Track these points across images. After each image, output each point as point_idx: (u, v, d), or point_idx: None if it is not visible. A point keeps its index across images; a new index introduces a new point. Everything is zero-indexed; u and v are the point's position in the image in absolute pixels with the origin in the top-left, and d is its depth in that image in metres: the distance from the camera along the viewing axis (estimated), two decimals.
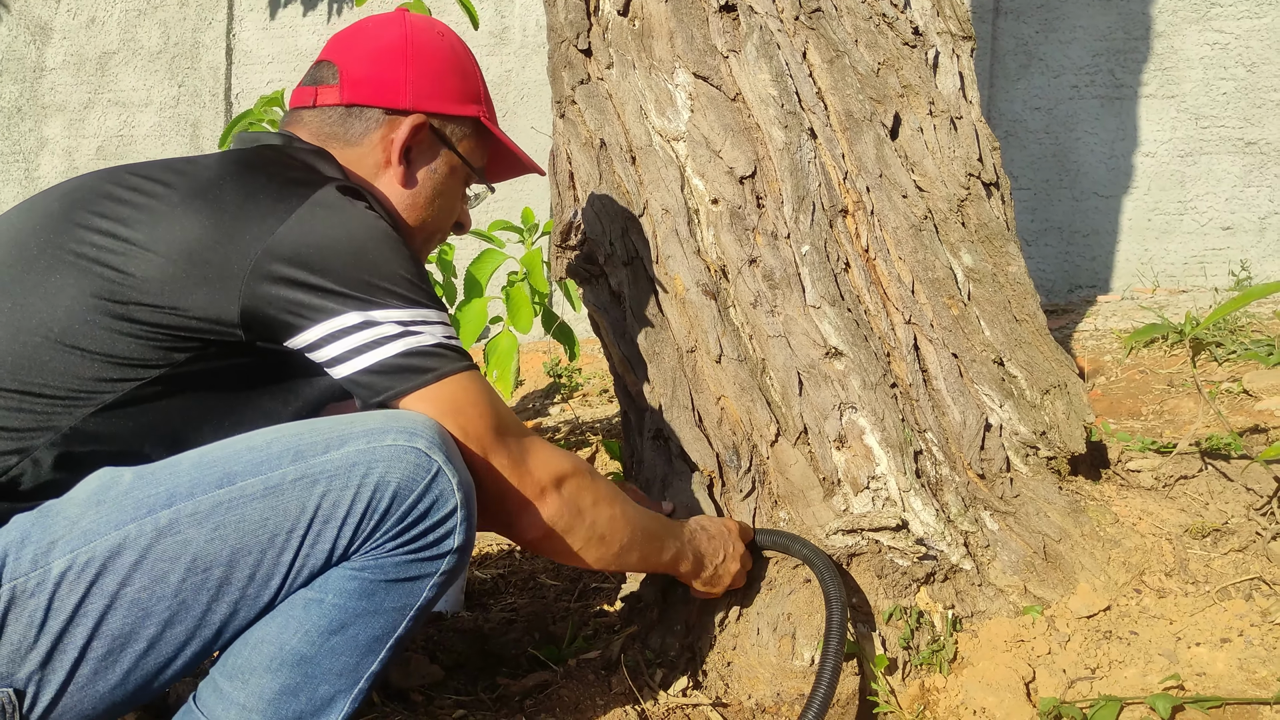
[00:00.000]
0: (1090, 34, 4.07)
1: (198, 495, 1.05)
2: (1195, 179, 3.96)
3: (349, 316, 1.13)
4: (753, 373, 1.63)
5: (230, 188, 1.16)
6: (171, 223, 1.12)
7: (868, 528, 1.54)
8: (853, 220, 1.68)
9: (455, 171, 1.40)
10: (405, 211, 1.37)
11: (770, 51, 1.68)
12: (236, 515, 1.05)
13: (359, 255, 1.14)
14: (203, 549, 1.04)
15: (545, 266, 2.59)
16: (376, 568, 1.10)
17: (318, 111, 1.34)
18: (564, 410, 3.50)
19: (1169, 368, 2.74)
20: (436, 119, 1.36)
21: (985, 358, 1.64)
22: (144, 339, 1.11)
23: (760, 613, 1.55)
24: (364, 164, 1.34)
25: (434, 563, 1.12)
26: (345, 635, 1.10)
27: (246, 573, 1.06)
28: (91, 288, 1.10)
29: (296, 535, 1.07)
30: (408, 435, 1.10)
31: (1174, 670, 1.40)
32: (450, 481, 1.11)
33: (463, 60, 1.41)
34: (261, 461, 1.08)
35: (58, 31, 5.57)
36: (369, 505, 1.08)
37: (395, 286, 1.15)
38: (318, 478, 1.07)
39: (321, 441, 1.09)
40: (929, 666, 1.49)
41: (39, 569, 1.01)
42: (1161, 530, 1.63)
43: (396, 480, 1.08)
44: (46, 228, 1.15)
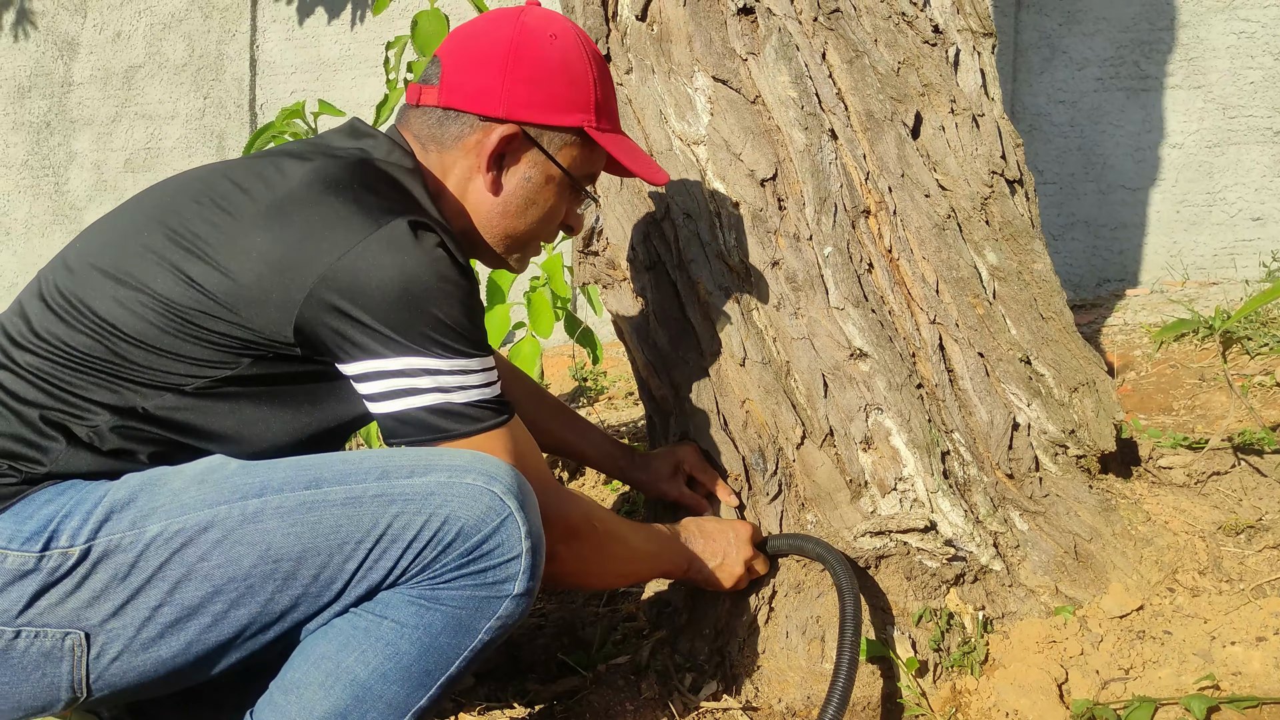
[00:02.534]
0: (1114, 25, 4.03)
1: (286, 491, 1.13)
2: (1224, 170, 3.92)
3: (389, 361, 1.16)
4: (777, 375, 1.63)
5: (305, 207, 1.18)
6: (244, 241, 1.16)
7: (896, 529, 1.53)
8: (875, 221, 1.67)
9: (552, 180, 1.36)
10: (495, 219, 1.36)
11: (789, 53, 1.68)
12: (315, 516, 1.12)
13: (409, 299, 1.15)
14: (278, 541, 1.11)
15: (567, 272, 2.59)
16: (434, 599, 1.14)
17: (420, 111, 1.35)
18: (590, 413, 3.50)
19: (1200, 362, 2.71)
20: (532, 128, 1.33)
21: (1012, 356, 1.63)
22: (212, 345, 1.17)
23: (789, 616, 1.55)
24: (457, 168, 1.34)
25: (493, 604, 1.15)
26: (399, 664, 1.14)
27: (312, 571, 1.12)
28: (165, 293, 1.16)
29: (364, 547, 1.12)
30: (487, 478, 1.14)
31: (1209, 670, 1.38)
32: (519, 529, 1.14)
33: (573, 66, 1.34)
34: (350, 473, 1.15)
35: (84, 47, 5.63)
36: (436, 534, 1.12)
37: (440, 335, 1.16)
38: (395, 498, 1.13)
39: (408, 466, 1.15)
40: (960, 668, 1.48)
41: (135, 529, 1.11)
42: (1194, 528, 1.61)
43: (466, 517, 1.13)
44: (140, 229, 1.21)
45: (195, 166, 1.30)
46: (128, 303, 1.16)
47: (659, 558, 1.48)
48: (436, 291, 1.16)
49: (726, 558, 1.52)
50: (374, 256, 1.14)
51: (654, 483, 1.68)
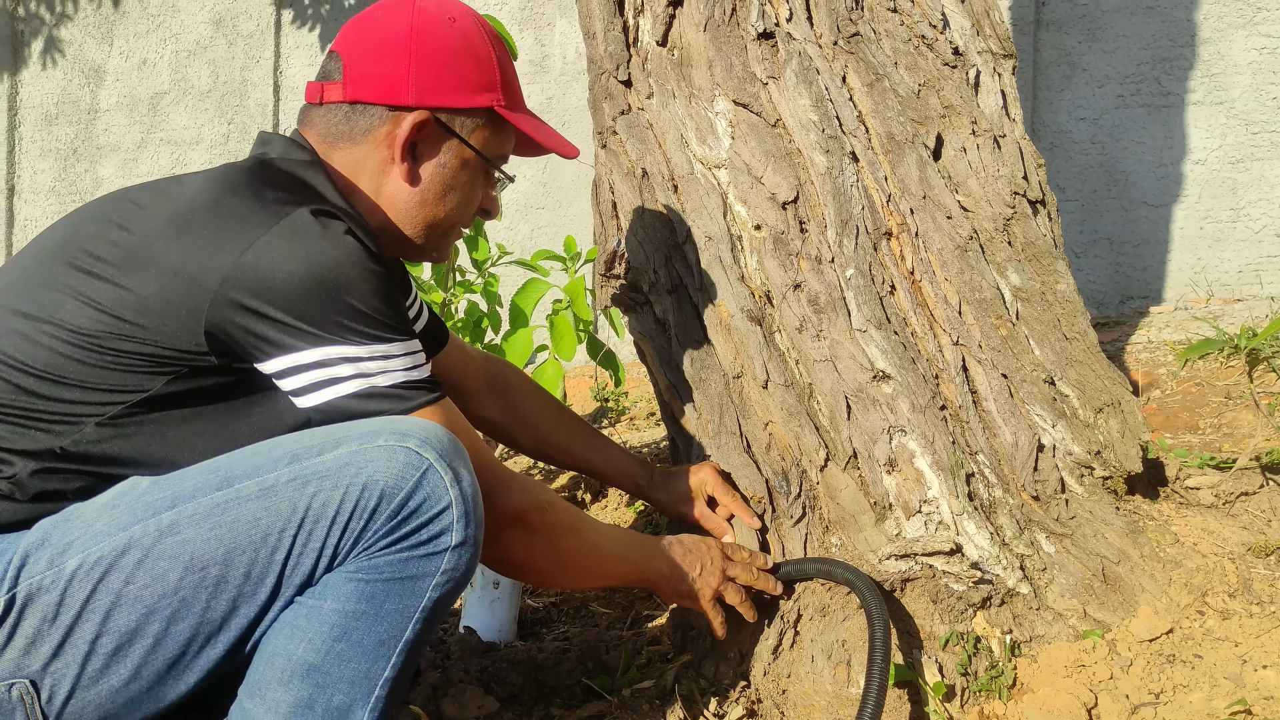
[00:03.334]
0: (1134, 42, 4.02)
1: (198, 497, 1.10)
2: (1247, 185, 3.89)
3: (305, 353, 1.14)
4: (800, 398, 1.63)
5: (204, 213, 1.16)
6: (144, 255, 1.14)
7: (921, 552, 1.53)
8: (897, 243, 1.67)
9: (468, 164, 1.35)
10: (414, 209, 1.34)
11: (810, 77, 1.69)
12: (232, 515, 1.09)
13: (318, 288, 1.12)
14: (199, 548, 1.08)
15: (589, 295, 2.60)
16: (371, 568, 1.10)
17: (324, 109, 1.32)
18: (612, 434, 3.50)
19: (1225, 380, 2.69)
20: (443, 113, 1.31)
21: (1036, 377, 1.62)
22: (125, 368, 1.14)
23: (814, 640, 1.54)
24: (370, 161, 1.31)
25: (431, 560, 1.12)
26: (349, 641, 1.11)
27: (242, 571, 1.09)
28: (71, 321, 1.14)
29: (288, 534, 1.09)
30: (399, 435, 1.11)
31: (1240, 694, 1.37)
32: (443, 479, 1.11)
33: (475, 47, 1.33)
34: (260, 465, 1.11)
35: (111, 74, 5.71)
36: (358, 504, 1.09)
37: (354, 321, 1.14)
38: (309, 479, 1.10)
39: (318, 444, 1.12)
40: (988, 693, 1.47)
41: (54, 568, 1.07)
42: (1223, 549, 1.60)
43: (384, 479, 1.09)
44: (42, 263, 1.19)
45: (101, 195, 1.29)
46: (34, 336, 1.14)
47: (625, 560, 1.45)
48: (346, 277, 1.14)
49: (705, 571, 1.49)
50: (278, 249, 1.12)
51: (674, 503, 1.68)
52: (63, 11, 5.81)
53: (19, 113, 5.88)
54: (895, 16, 1.73)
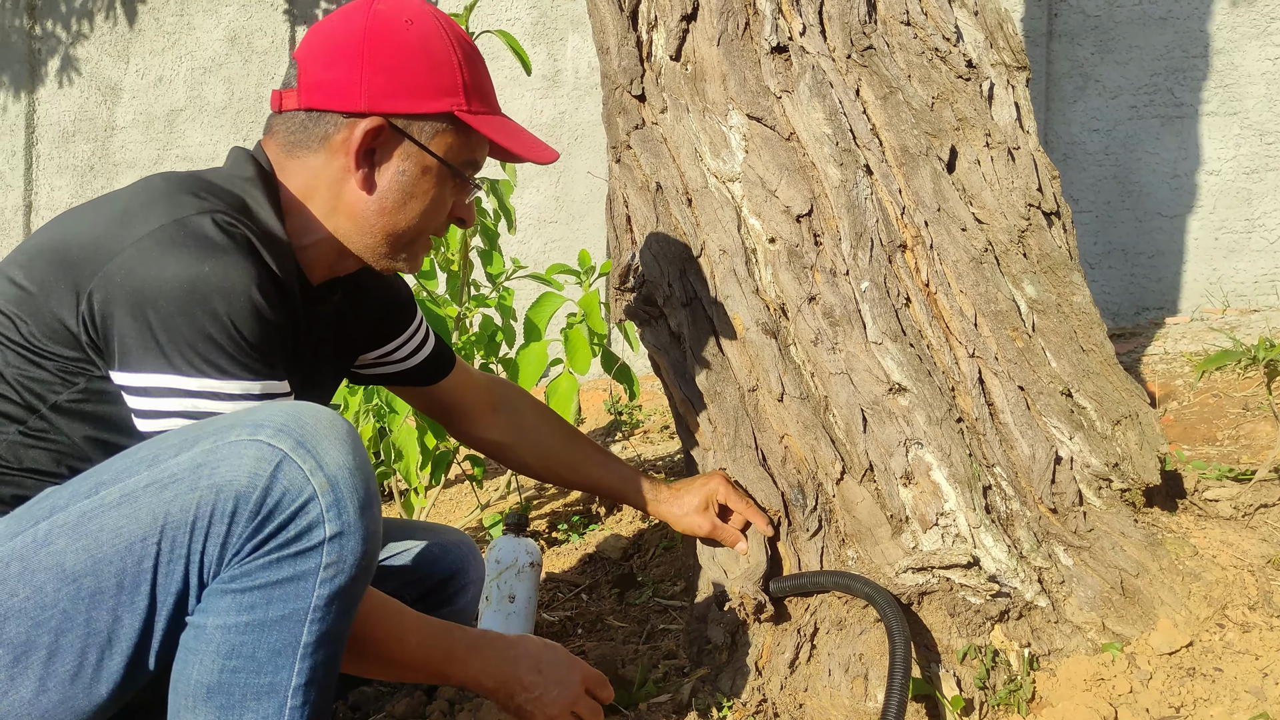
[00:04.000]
0: (1147, 54, 4.02)
1: (70, 506, 1.06)
2: (1262, 196, 3.88)
3: (140, 376, 1.10)
4: (816, 410, 1.63)
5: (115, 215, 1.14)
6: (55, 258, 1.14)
7: (938, 565, 1.52)
8: (912, 255, 1.67)
9: (429, 171, 1.29)
10: (372, 218, 1.29)
11: (823, 90, 1.69)
12: (96, 524, 1.05)
13: (175, 303, 1.08)
14: (69, 559, 1.04)
15: (603, 308, 2.61)
16: (244, 576, 1.04)
17: (284, 117, 1.29)
18: (626, 448, 3.50)
19: (1243, 391, 2.68)
20: (398, 119, 1.26)
21: (1052, 389, 1.62)
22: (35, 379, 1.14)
23: (831, 653, 1.54)
24: (328, 171, 1.27)
25: (306, 558, 1.04)
26: (240, 656, 1.05)
27: (113, 582, 1.04)
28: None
29: (151, 543, 1.04)
30: (252, 428, 1.05)
31: (1262, 708, 1.36)
32: (300, 468, 1.03)
33: (434, 50, 1.27)
34: (124, 469, 1.07)
35: (127, 91, 5.76)
36: (215, 509, 1.03)
37: (202, 348, 1.10)
38: (166, 483, 1.04)
39: (176, 444, 1.06)
40: (1006, 707, 1.46)
41: None
42: (1243, 561, 1.59)
43: (236, 478, 1.03)
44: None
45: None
46: None
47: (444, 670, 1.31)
48: (215, 296, 1.09)
49: (546, 694, 1.34)
50: (160, 251, 1.08)
51: (685, 517, 1.67)
52: (79, 30, 5.86)
53: (36, 130, 5.94)
54: (909, 30, 1.73)
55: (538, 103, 4.95)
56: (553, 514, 2.77)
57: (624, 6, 1.83)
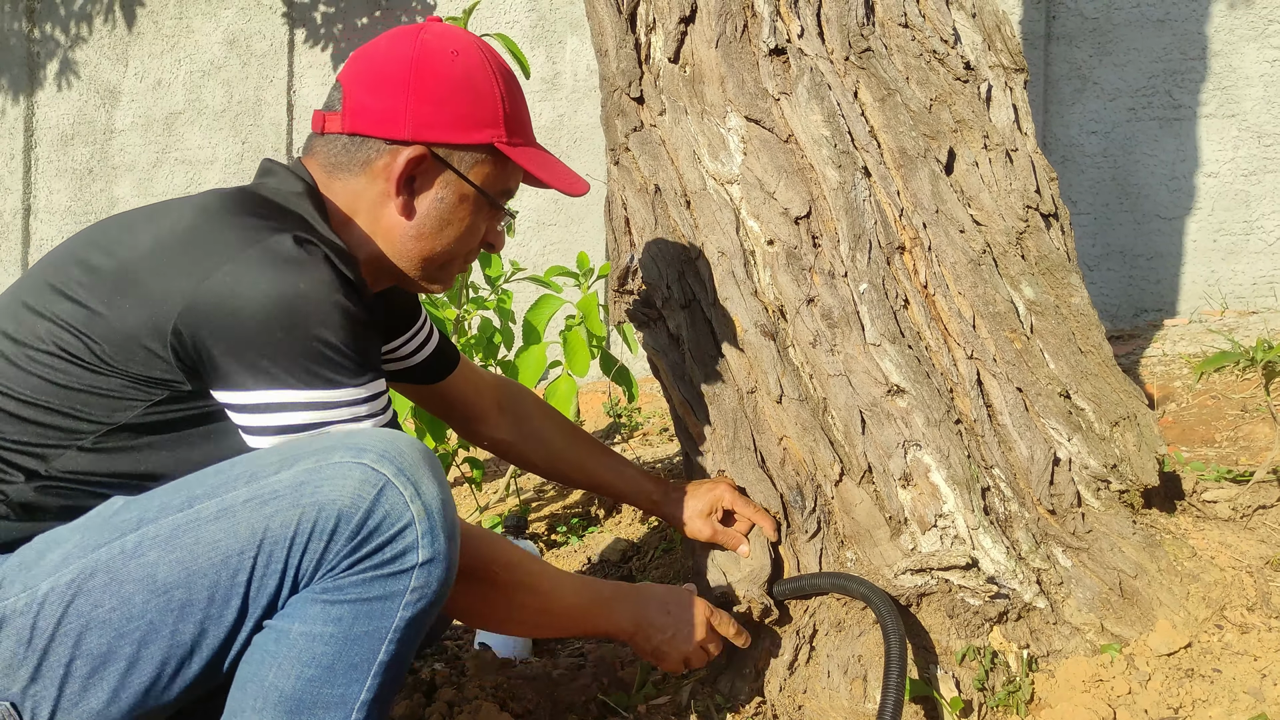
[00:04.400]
0: (1145, 56, 4.02)
1: (162, 519, 1.08)
2: (1260, 198, 3.88)
3: (252, 394, 1.12)
4: (814, 412, 1.63)
5: (180, 239, 1.16)
6: (124, 282, 1.14)
7: (937, 567, 1.52)
8: (910, 257, 1.67)
9: (466, 199, 1.32)
10: (410, 242, 1.32)
11: (821, 92, 1.69)
12: (191, 538, 1.07)
13: (280, 321, 1.10)
14: (162, 571, 1.06)
15: (602, 310, 2.61)
16: (336, 590, 1.08)
17: (326, 139, 1.31)
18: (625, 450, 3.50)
19: (1241, 392, 2.68)
20: (440, 148, 1.29)
21: (1051, 391, 1.62)
22: (102, 395, 1.14)
23: (830, 655, 1.54)
24: (368, 193, 1.30)
25: (399, 579, 1.09)
26: (320, 666, 1.08)
27: (205, 594, 1.07)
28: (52, 346, 1.14)
29: (248, 557, 1.07)
30: (355, 451, 1.08)
31: (1260, 709, 1.36)
32: (402, 494, 1.08)
33: (478, 82, 1.30)
34: (220, 484, 1.09)
35: (126, 94, 5.76)
36: (315, 526, 1.06)
37: (311, 361, 1.12)
38: (267, 499, 1.07)
39: (276, 462, 1.09)
40: (1005, 708, 1.46)
41: (28, 590, 1.07)
42: (1242, 563, 1.59)
43: (341, 498, 1.06)
44: (28, 289, 1.20)
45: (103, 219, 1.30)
46: (20, 361, 1.15)
47: (593, 616, 1.42)
48: (312, 310, 1.11)
49: (679, 634, 1.46)
50: (246, 275, 1.10)
51: (688, 519, 1.67)
52: (78, 33, 5.86)
53: (35, 133, 5.93)
54: (906, 32, 1.74)
55: (537, 105, 4.96)
56: (552, 516, 2.77)
57: (622, 9, 1.83)
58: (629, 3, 1.82)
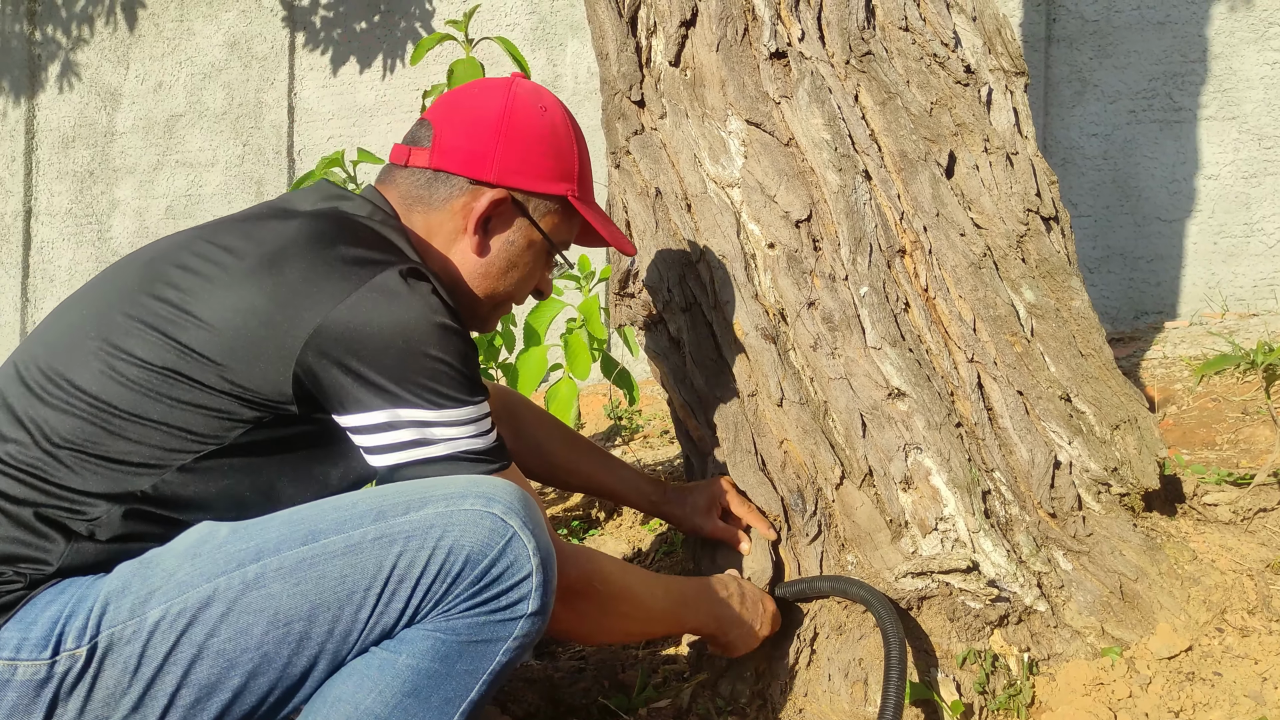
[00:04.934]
0: (1146, 58, 4.02)
1: (283, 551, 1.10)
2: (1261, 200, 3.88)
3: (376, 414, 1.16)
4: (815, 415, 1.63)
5: (294, 261, 1.18)
6: (232, 298, 1.16)
7: (937, 570, 1.52)
8: (911, 260, 1.67)
9: (534, 245, 1.39)
10: (476, 280, 1.38)
11: (822, 96, 1.69)
12: (318, 572, 1.10)
13: (403, 346, 1.15)
14: (285, 603, 1.09)
15: (603, 313, 2.61)
16: (449, 629, 1.12)
17: (409, 172, 1.36)
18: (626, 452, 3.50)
19: (1242, 395, 2.68)
20: (519, 194, 1.36)
21: (1051, 394, 1.62)
22: (206, 411, 1.15)
23: (831, 658, 1.54)
24: (444, 228, 1.35)
25: (508, 626, 1.14)
26: (418, 697, 1.12)
27: (325, 628, 1.10)
28: (157, 359, 1.14)
29: (373, 593, 1.10)
30: (485, 500, 1.13)
31: (1261, 712, 1.36)
32: (526, 547, 1.13)
33: (560, 138, 1.39)
34: (345, 520, 1.12)
35: (126, 97, 5.76)
36: (443, 568, 1.10)
37: (436, 384, 1.16)
38: (396, 538, 1.11)
39: (403, 503, 1.13)
40: (1006, 711, 1.46)
41: (135, 618, 1.07)
42: (1242, 566, 1.59)
43: (470, 544, 1.11)
44: (122, 298, 1.19)
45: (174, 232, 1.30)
46: (115, 374, 1.14)
47: (681, 617, 1.47)
48: (430, 336, 1.16)
49: (753, 626, 1.52)
50: (366, 306, 1.15)
51: (688, 518, 1.69)
52: (79, 35, 5.87)
53: (36, 136, 5.94)
54: (907, 35, 1.74)
55: None
56: (552, 519, 2.77)
57: (623, 12, 1.83)
58: (630, 6, 1.82)
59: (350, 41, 5.33)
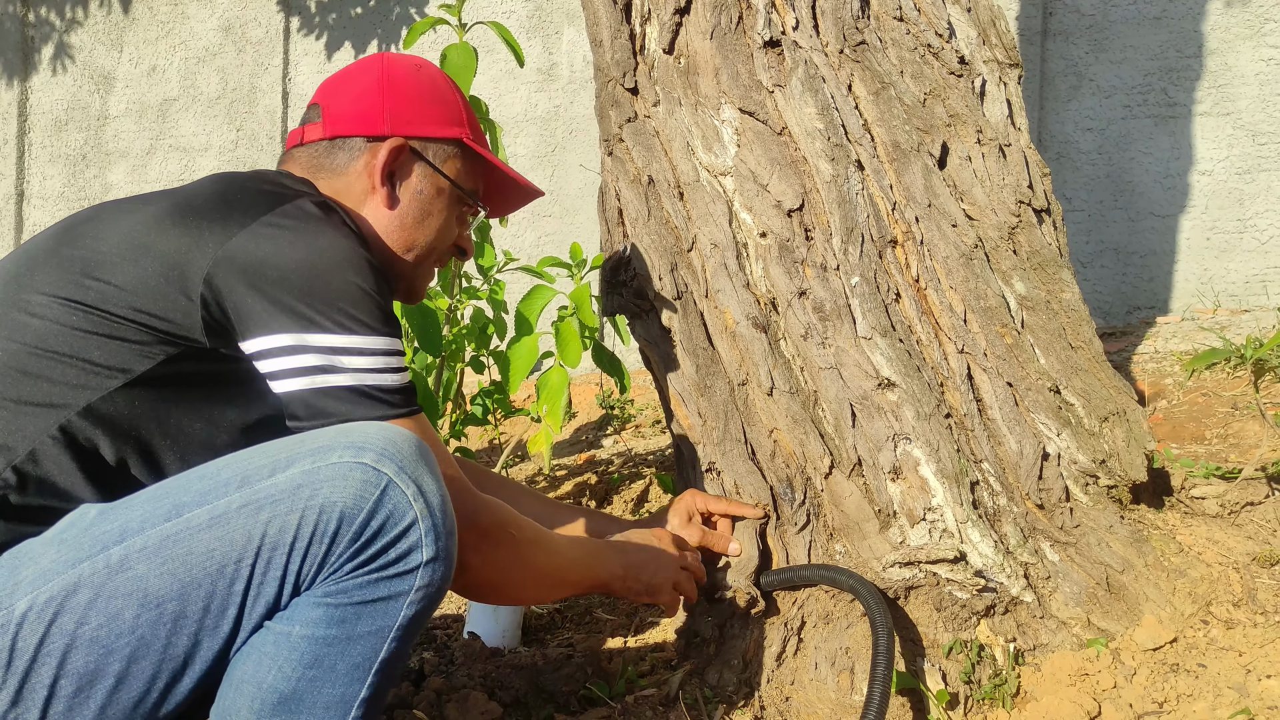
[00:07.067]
0: (1141, 53, 4.02)
1: (147, 529, 1.05)
2: (1254, 196, 3.89)
3: (281, 336, 1.14)
4: (805, 405, 1.63)
5: (207, 199, 1.20)
6: (148, 233, 1.17)
7: (925, 560, 1.53)
8: (902, 251, 1.67)
9: (443, 193, 1.42)
10: (393, 233, 1.39)
11: (815, 85, 1.69)
12: (184, 548, 1.04)
13: (311, 270, 1.15)
14: (153, 584, 1.03)
15: (594, 302, 2.61)
16: (340, 592, 1.07)
17: (306, 147, 1.40)
18: (617, 442, 3.51)
19: (1232, 390, 2.69)
20: (416, 141, 1.40)
21: (1041, 386, 1.62)
22: (118, 342, 1.14)
23: (818, 647, 1.54)
24: (351, 192, 1.38)
25: (403, 580, 1.08)
26: (322, 667, 1.07)
27: (200, 605, 1.04)
28: (68, 293, 1.14)
29: (245, 565, 1.05)
30: (354, 450, 1.07)
31: (1244, 704, 1.37)
32: (404, 493, 1.07)
33: (442, 89, 1.45)
34: (209, 490, 1.07)
35: (120, 80, 5.74)
36: (316, 529, 1.05)
37: (343, 303, 1.15)
38: (262, 504, 1.05)
39: (268, 465, 1.08)
40: (991, 701, 1.47)
41: (3, 610, 1.02)
42: (1228, 559, 1.60)
43: (342, 500, 1.05)
44: (38, 249, 1.21)
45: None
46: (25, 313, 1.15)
47: (591, 567, 1.45)
48: (342, 259, 1.16)
49: (661, 562, 1.51)
50: (273, 231, 1.16)
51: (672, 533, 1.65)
52: (73, 18, 5.84)
53: (29, 118, 5.91)
54: (901, 25, 1.74)
55: (533, 96, 4.95)
56: None
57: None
58: None
59: (345, 26, 5.31)
